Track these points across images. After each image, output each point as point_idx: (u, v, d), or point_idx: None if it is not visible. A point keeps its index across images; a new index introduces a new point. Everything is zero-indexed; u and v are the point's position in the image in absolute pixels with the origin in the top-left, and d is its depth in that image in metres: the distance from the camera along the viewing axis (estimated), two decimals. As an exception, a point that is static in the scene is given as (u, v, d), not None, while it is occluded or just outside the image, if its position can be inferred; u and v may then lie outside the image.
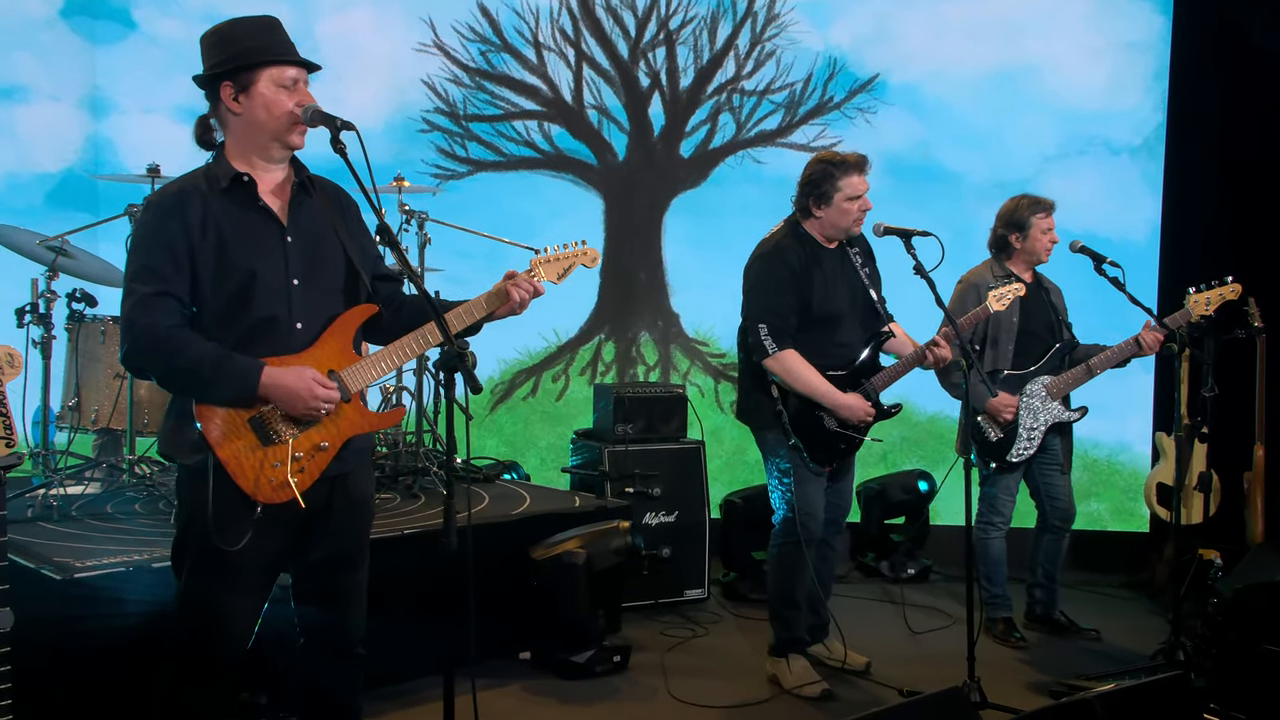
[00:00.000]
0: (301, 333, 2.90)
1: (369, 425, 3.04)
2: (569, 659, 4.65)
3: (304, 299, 2.91)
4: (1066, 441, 5.37)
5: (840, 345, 4.48)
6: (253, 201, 2.89)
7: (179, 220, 2.80)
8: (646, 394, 5.85)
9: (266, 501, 2.81)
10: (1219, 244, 6.70)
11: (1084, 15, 6.84)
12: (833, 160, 4.43)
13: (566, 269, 3.28)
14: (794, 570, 4.53)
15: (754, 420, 4.60)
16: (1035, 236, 5.18)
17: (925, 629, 5.47)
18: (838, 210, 4.42)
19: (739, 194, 7.00)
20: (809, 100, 7.01)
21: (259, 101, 2.85)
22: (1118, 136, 6.87)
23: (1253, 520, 6.03)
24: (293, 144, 2.92)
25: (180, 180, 2.92)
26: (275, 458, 2.82)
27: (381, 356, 2.98)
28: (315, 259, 2.95)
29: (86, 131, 6.78)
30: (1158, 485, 6.24)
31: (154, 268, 2.77)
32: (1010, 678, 4.75)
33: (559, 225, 6.85)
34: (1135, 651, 5.18)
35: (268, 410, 2.81)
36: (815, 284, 4.42)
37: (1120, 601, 6.16)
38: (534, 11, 7.04)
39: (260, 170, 2.91)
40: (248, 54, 2.86)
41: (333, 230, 2.98)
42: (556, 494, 5.60)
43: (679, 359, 7.15)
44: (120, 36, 6.84)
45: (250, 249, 2.85)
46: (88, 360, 4.97)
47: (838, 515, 4.67)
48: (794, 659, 4.58)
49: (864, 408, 4.40)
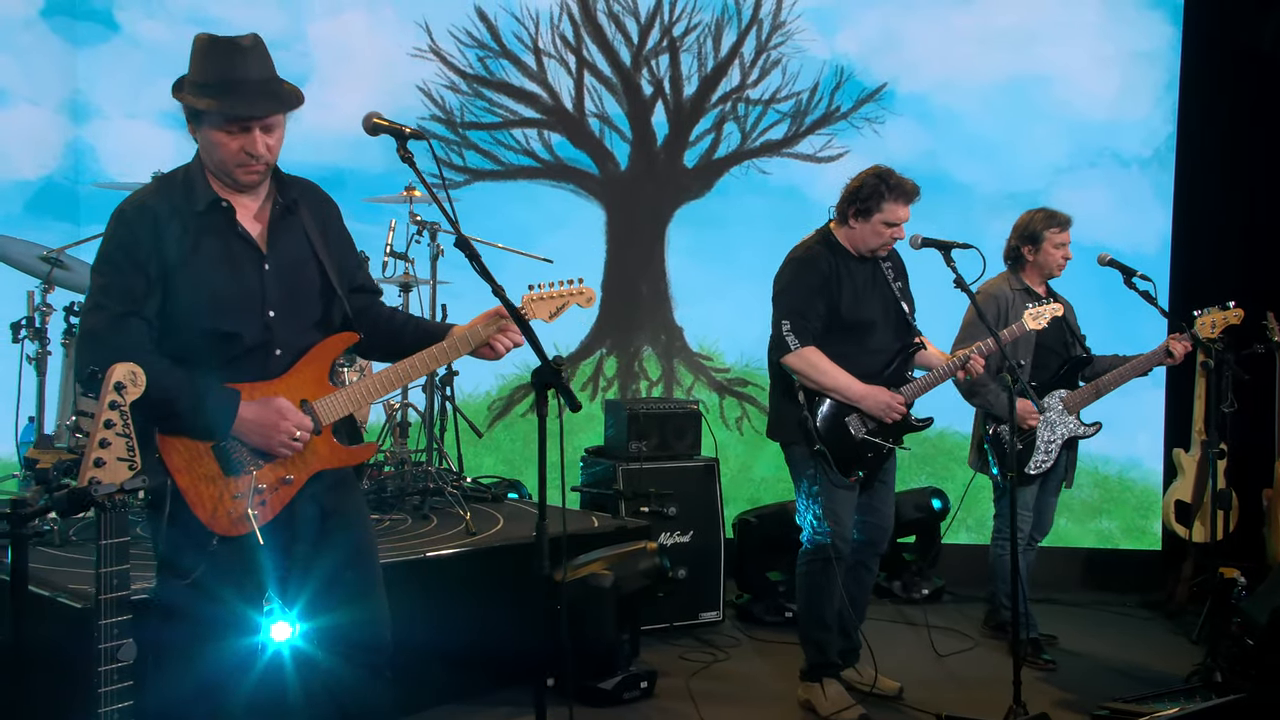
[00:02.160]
0: (279, 359, 2.76)
1: (338, 460, 2.86)
2: (596, 685, 4.47)
3: (281, 327, 2.76)
4: (1072, 455, 5.30)
5: (872, 353, 4.38)
6: (231, 228, 2.72)
7: (152, 237, 2.63)
8: (660, 410, 5.67)
9: (223, 534, 2.65)
10: (1231, 256, 6.65)
11: (1094, 25, 6.75)
12: (886, 180, 4.31)
13: (560, 308, 3.16)
14: (824, 591, 4.40)
15: (781, 432, 4.47)
16: (1048, 251, 5.12)
17: (950, 651, 5.32)
18: (872, 229, 4.34)
19: (744, 205, 6.84)
20: (815, 110, 6.86)
21: (204, 139, 2.69)
22: (1128, 148, 6.78)
23: (1274, 538, 5.93)
24: (243, 184, 2.72)
25: (155, 188, 2.75)
26: (236, 489, 2.68)
27: (358, 389, 2.85)
28: (294, 286, 2.80)
29: (67, 137, 6.50)
30: (1176, 502, 6.13)
31: (125, 285, 2.61)
32: (1036, 700, 4.56)
33: (559, 236, 6.65)
34: (1159, 672, 5.08)
35: (232, 441, 2.66)
36: (845, 290, 4.34)
37: (1139, 621, 6.05)
38: (534, 17, 6.86)
39: (236, 196, 2.75)
40: (195, 90, 2.65)
41: (313, 254, 2.83)
42: (572, 514, 5.39)
43: (683, 374, 6.97)
44: (102, 39, 6.57)
45: (226, 276, 2.70)
46: (82, 375, 4.69)
47: (877, 536, 4.51)
48: (828, 684, 4.44)
49: (888, 396, 4.29)
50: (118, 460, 2.14)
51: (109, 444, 2.13)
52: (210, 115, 2.63)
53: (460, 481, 5.47)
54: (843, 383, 4.26)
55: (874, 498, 4.48)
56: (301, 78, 6.77)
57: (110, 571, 2.13)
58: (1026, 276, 5.14)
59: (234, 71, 2.65)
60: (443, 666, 4.27)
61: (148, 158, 6.39)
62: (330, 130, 6.71)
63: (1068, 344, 5.15)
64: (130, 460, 2.16)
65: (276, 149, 2.72)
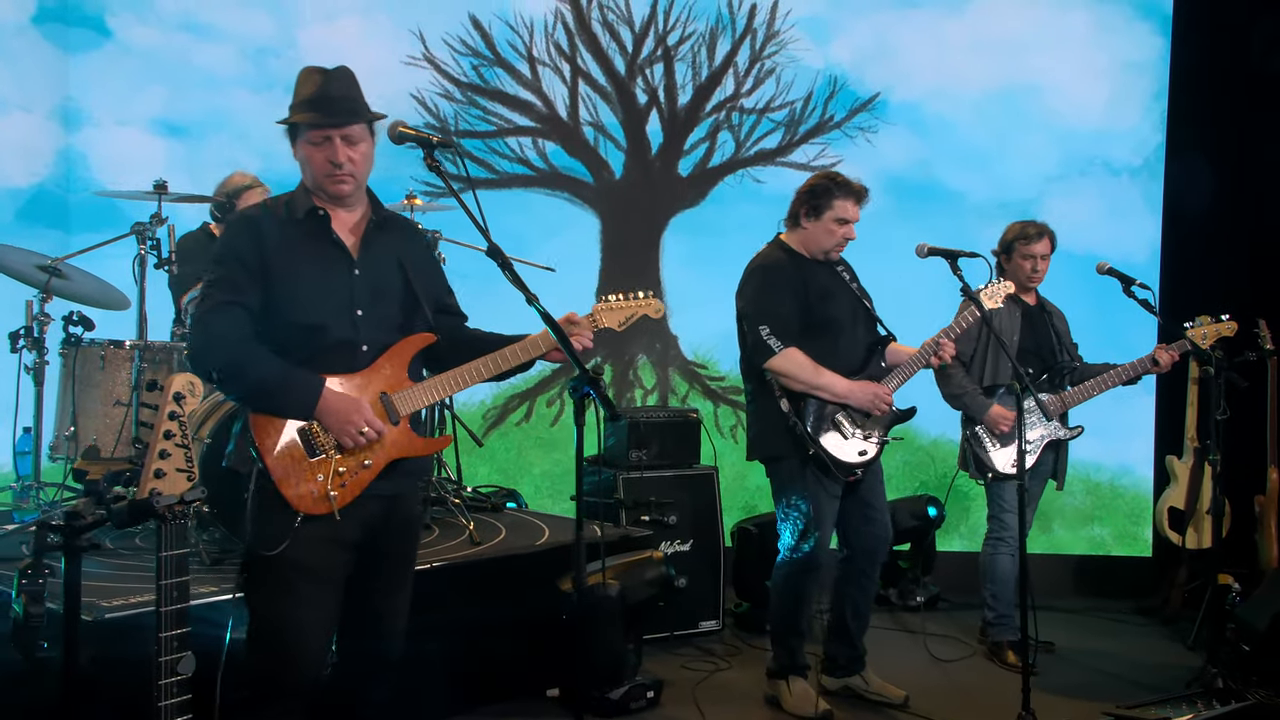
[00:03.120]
0: (365, 354, 3.01)
1: (415, 450, 3.07)
2: (604, 695, 4.44)
3: (367, 325, 3.01)
4: (1062, 458, 5.33)
5: (846, 351, 4.45)
6: (326, 234, 3.02)
7: (254, 240, 2.94)
8: (660, 418, 5.67)
9: (307, 512, 2.86)
10: (1220, 264, 6.71)
11: (1084, 35, 6.81)
12: (835, 179, 4.45)
13: (629, 318, 3.32)
14: (802, 599, 4.54)
15: (765, 448, 4.52)
16: (1016, 260, 5.22)
17: (949, 658, 5.34)
18: (824, 228, 4.43)
19: (738, 213, 6.84)
20: (809, 119, 6.88)
21: (300, 155, 3.03)
22: (1118, 156, 6.84)
23: (1267, 544, 5.99)
24: (334, 194, 3.01)
25: (262, 204, 3.15)
26: (319, 470, 2.89)
27: (433, 384, 3.07)
28: (379, 291, 3.05)
29: (58, 145, 6.45)
30: (1169, 509, 6.18)
31: (230, 278, 2.91)
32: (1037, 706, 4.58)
33: (554, 245, 6.63)
34: (1157, 677, 5.13)
35: (315, 425, 2.90)
36: (811, 291, 4.42)
37: (1134, 627, 6.09)
38: (528, 25, 6.85)
39: (333, 208, 3.04)
40: (291, 111, 3.02)
41: (399, 266, 3.10)
42: (574, 523, 5.37)
43: (678, 382, 6.97)
44: (94, 45, 6.52)
45: (318, 275, 2.98)
46: (85, 387, 4.66)
47: (876, 545, 4.56)
48: (794, 681, 4.57)
49: (874, 388, 4.36)
50: (177, 471, 2.13)
51: (169, 455, 2.13)
52: (300, 129, 2.97)
53: (461, 491, 5.45)
54: (829, 380, 4.32)
55: (869, 506, 4.52)
56: (292, 85, 6.76)
57: (171, 584, 2.12)
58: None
59: (319, 91, 2.97)
60: (446, 678, 4.24)
61: (140, 165, 6.37)
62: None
63: (1054, 350, 5.20)
64: (189, 471, 2.15)
65: (361, 163, 3.00)
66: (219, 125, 6.63)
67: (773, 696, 4.60)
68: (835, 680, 4.68)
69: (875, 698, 4.60)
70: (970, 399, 5.07)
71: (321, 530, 2.87)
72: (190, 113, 6.60)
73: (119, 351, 4.73)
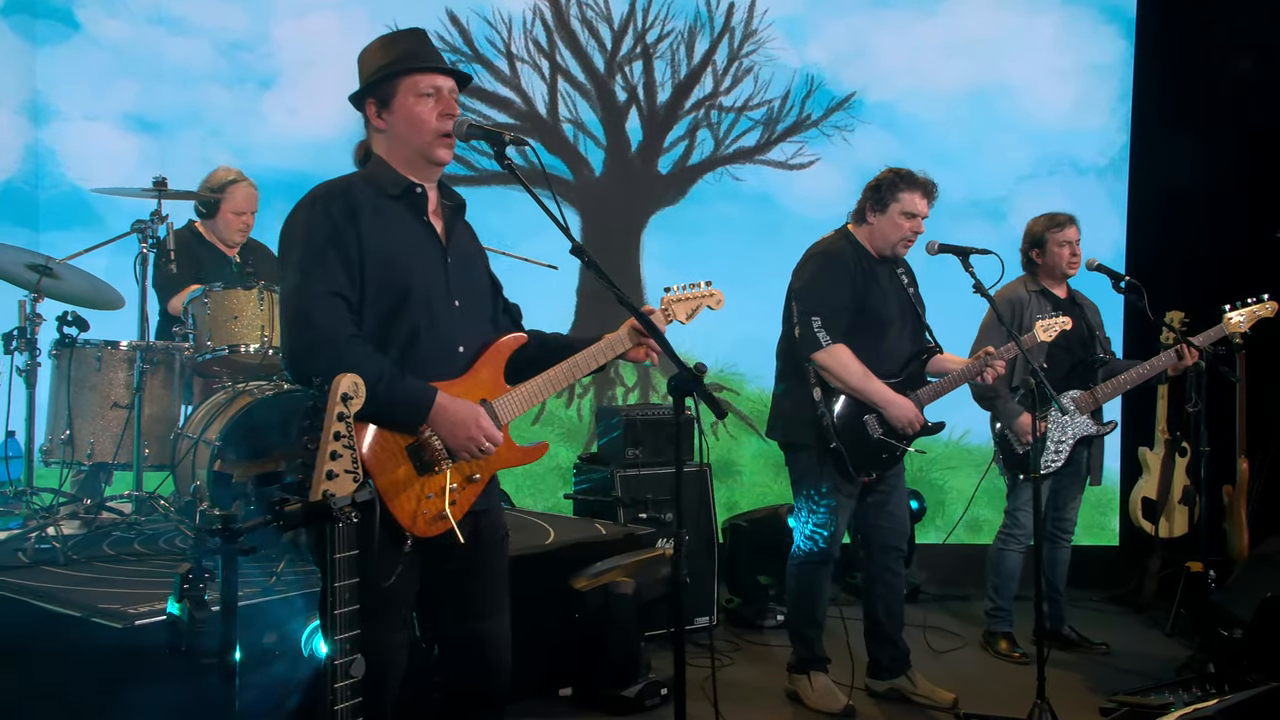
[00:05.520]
0: (462, 356, 2.79)
1: (514, 460, 2.88)
2: (619, 694, 4.44)
3: (465, 317, 2.80)
4: (1096, 454, 5.39)
5: (887, 354, 4.44)
6: (419, 215, 2.78)
7: (349, 220, 2.64)
8: (655, 416, 5.67)
9: (420, 534, 2.61)
10: (1183, 262, 6.88)
11: (1051, 37, 6.97)
12: (900, 173, 4.46)
13: (695, 309, 3.29)
14: (817, 592, 4.53)
15: (785, 433, 4.51)
16: (1053, 250, 5.25)
17: (943, 649, 5.42)
18: (890, 221, 4.42)
19: (718, 211, 6.88)
20: (787, 117, 6.94)
21: (400, 114, 2.75)
22: (1085, 156, 7.01)
23: (1237, 533, 6.16)
24: (439, 159, 2.79)
25: (338, 180, 2.75)
26: (431, 488, 2.64)
27: (529, 389, 2.85)
28: (470, 283, 2.86)
29: (26, 140, 6.25)
30: (1142, 499, 6.34)
31: (326, 265, 2.59)
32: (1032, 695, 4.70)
33: (533, 242, 6.55)
34: (1143, 664, 5.24)
35: (426, 437, 2.63)
36: (866, 285, 4.41)
37: (1109, 616, 6.23)
38: (506, 22, 6.81)
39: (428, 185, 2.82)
40: (384, 67, 2.75)
41: (480, 253, 2.95)
42: (577, 523, 5.36)
43: (658, 379, 6.98)
44: (63, 38, 6.34)
45: (414, 264, 2.72)
46: (80, 389, 4.52)
47: (897, 540, 4.59)
48: (815, 676, 4.57)
49: (914, 411, 4.36)
50: (345, 472, 2.09)
51: (339, 456, 2.08)
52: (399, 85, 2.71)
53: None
54: (873, 386, 4.30)
55: (889, 501, 4.55)
56: (267, 80, 6.65)
57: (343, 585, 2.07)
58: (1042, 279, 5.27)
59: (419, 46, 2.79)
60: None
61: (109, 161, 6.23)
62: (297, 134, 6.61)
63: (1084, 344, 5.23)
64: (355, 472, 2.11)
65: None
66: (191, 121, 6.49)
67: (793, 692, 4.61)
68: (881, 682, 4.65)
69: (923, 700, 4.56)
70: (1002, 404, 5.06)
71: (423, 552, 2.65)
72: (162, 108, 6.46)
73: (115, 352, 4.61)
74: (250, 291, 4.51)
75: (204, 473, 4.21)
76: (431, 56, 2.79)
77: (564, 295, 6.80)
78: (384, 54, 2.77)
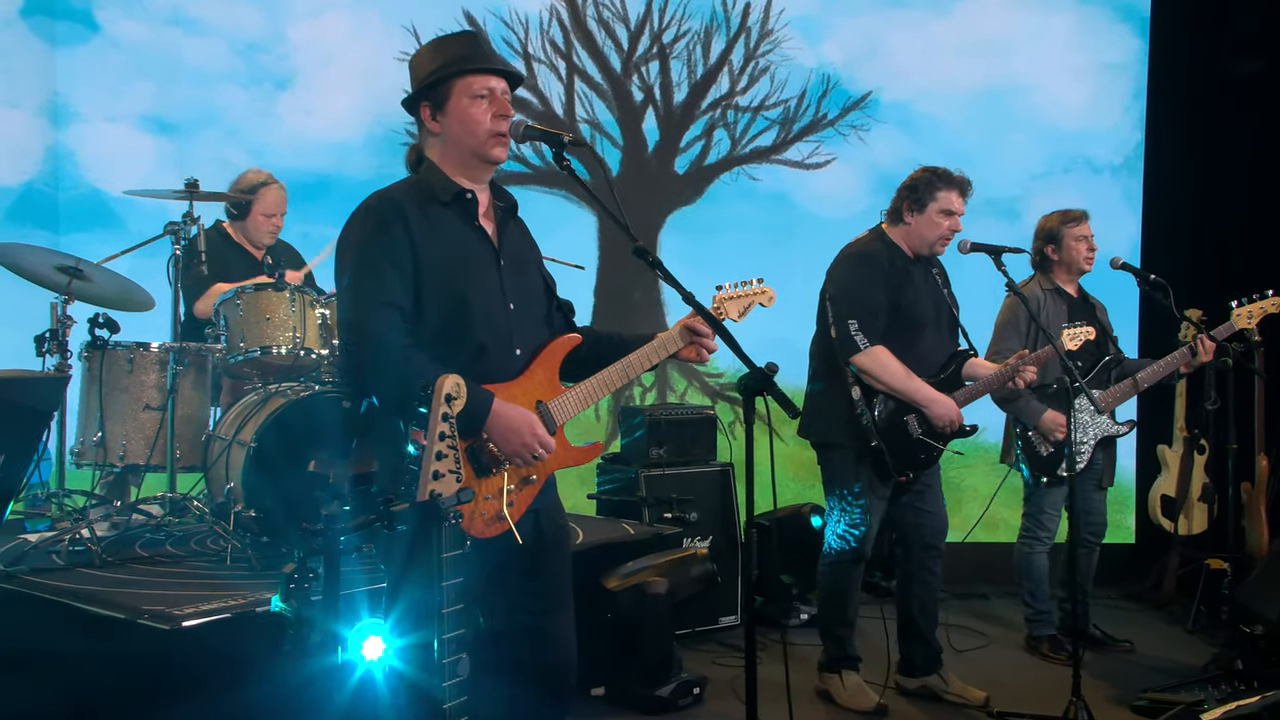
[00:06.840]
0: (519, 358, 2.80)
1: (570, 460, 2.88)
2: (652, 693, 4.45)
3: (520, 320, 2.82)
4: (1110, 455, 5.39)
5: (923, 354, 4.44)
6: (471, 220, 2.80)
7: (402, 230, 2.66)
8: (679, 416, 5.69)
9: (479, 536, 2.61)
10: (1197, 259, 6.92)
11: (1065, 36, 6.99)
12: (937, 171, 4.47)
13: (747, 306, 3.25)
14: (848, 590, 4.54)
15: (822, 432, 4.52)
16: (1069, 245, 5.24)
17: (966, 648, 5.43)
18: (928, 220, 4.42)
19: (734, 211, 6.89)
20: (803, 117, 6.96)
21: (454, 116, 2.78)
22: (1099, 155, 7.03)
23: (1256, 530, 6.18)
24: (494, 158, 2.84)
25: (391, 189, 2.78)
26: (488, 490, 2.66)
27: (584, 389, 2.87)
28: (523, 285, 2.87)
29: (46, 142, 6.25)
30: (1162, 497, 6.36)
31: (380, 275, 2.62)
32: (1064, 693, 4.69)
33: (551, 242, 6.49)
34: (1168, 661, 5.27)
35: (483, 441, 2.65)
36: (901, 286, 4.41)
37: (1128, 613, 6.25)
38: (523, 22, 6.81)
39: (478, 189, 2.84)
40: (437, 70, 2.78)
41: (533, 254, 2.96)
42: (604, 523, 5.36)
43: (676, 380, 7.00)
44: (82, 39, 6.34)
45: (468, 270, 2.75)
46: (112, 391, 4.50)
47: (935, 539, 4.59)
48: (847, 675, 4.58)
49: (956, 410, 4.37)
50: (449, 472, 2.10)
51: (444, 456, 2.09)
52: (461, 85, 2.74)
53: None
54: (913, 385, 4.31)
55: (926, 500, 4.56)
56: (283, 81, 6.65)
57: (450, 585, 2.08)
58: (1056, 277, 5.26)
59: (474, 48, 2.82)
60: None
61: (128, 162, 6.22)
62: (313, 135, 6.60)
63: (1100, 344, 5.22)
64: (458, 472, 2.12)
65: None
66: (209, 121, 6.49)
67: (824, 690, 4.62)
68: (912, 680, 4.66)
69: (955, 699, 4.57)
70: (1023, 404, 5.01)
71: (482, 554, 2.63)
72: (180, 109, 6.45)
73: (146, 354, 4.59)
74: (282, 293, 4.50)
75: (238, 474, 4.20)
76: (484, 58, 2.81)
77: (582, 295, 6.80)
78: (436, 57, 2.80)
